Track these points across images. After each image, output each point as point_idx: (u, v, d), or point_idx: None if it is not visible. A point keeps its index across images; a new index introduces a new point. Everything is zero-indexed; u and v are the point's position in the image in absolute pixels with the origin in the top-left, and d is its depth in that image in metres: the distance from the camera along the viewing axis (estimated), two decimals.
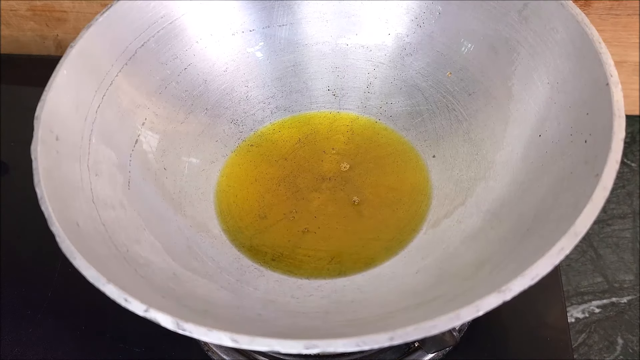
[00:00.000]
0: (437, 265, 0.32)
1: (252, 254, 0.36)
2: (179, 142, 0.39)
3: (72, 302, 0.41)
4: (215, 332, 0.22)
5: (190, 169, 0.39)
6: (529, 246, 0.26)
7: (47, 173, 0.28)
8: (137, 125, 0.36)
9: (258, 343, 0.22)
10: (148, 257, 0.31)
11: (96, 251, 0.28)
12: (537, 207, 0.28)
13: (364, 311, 0.29)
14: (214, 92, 0.40)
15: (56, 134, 0.30)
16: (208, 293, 0.31)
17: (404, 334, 0.21)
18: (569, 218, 0.24)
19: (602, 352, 0.46)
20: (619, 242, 0.51)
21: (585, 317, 0.47)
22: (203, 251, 0.35)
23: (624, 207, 0.53)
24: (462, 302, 0.23)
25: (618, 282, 0.49)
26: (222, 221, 0.38)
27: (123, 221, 0.32)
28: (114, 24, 0.34)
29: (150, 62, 0.37)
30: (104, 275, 0.25)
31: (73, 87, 0.32)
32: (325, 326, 0.29)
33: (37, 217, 0.27)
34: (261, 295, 0.33)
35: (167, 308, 0.24)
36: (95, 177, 0.32)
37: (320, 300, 0.32)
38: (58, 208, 0.27)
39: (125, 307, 0.24)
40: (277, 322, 0.30)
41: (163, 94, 0.38)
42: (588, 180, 0.25)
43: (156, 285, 0.28)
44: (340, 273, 0.35)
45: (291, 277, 0.35)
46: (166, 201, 0.36)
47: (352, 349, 0.22)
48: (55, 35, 0.58)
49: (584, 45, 0.29)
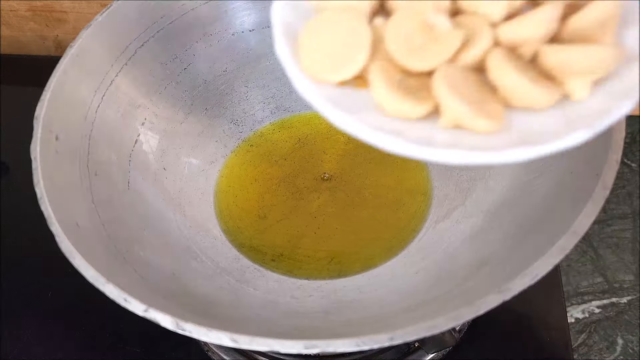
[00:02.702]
0: (437, 266, 0.32)
1: (252, 254, 0.36)
2: (178, 142, 0.39)
3: (72, 302, 0.41)
4: (215, 332, 0.23)
5: (190, 169, 0.39)
6: (528, 246, 0.26)
7: (47, 173, 0.28)
8: (136, 125, 0.36)
9: (258, 343, 0.22)
10: (148, 257, 0.31)
11: (96, 251, 0.28)
12: (537, 207, 0.28)
13: (363, 311, 0.29)
14: (213, 92, 0.40)
15: (56, 134, 0.30)
16: (208, 293, 0.31)
17: (404, 334, 0.21)
18: (569, 217, 0.24)
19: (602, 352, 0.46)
20: (619, 243, 0.51)
21: (585, 317, 0.47)
22: (203, 251, 0.35)
23: (624, 208, 0.53)
24: (462, 302, 0.23)
25: (618, 282, 0.49)
26: (222, 221, 0.38)
27: (123, 221, 0.32)
28: (114, 24, 0.34)
29: (150, 62, 0.37)
30: (103, 275, 0.25)
31: (73, 87, 0.32)
32: (325, 326, 0.29)
33: (37, 217, 0.27)
34: (261, 296, 0.33)
35: (167, 308, 0.24)
36: (95, 177, 0.32)
37: (320, 301, 0.32)
38: (58, 208, 0.27)
39: (125, 307, 0.24)
40: (277, 322, 0.30)
41: (163, 94, 0.38)
42: (588, 179, 0.25)
43: (156, 286, 0.28)
44: (340, 273, 0.35)
45: (291, 277, 0.35)
46: (166, 201, 0.36)
47: (351, 349, 0.22)
48: (55, 36, 0.58)
49: None
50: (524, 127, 0.19)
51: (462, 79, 0.19)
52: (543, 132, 0.18)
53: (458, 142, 0.18)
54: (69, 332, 0.40)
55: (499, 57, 0.19)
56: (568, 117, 0.18)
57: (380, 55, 0.20)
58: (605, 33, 0.19)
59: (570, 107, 0.19)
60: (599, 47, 0.18)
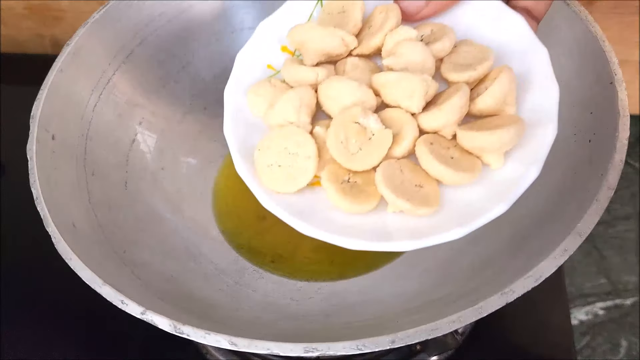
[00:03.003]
0: (439, 267, 0.31)
1: (251, 256, 0.36)
2: (176, 142, 0.38)
3: (71, 302, 0.41)
4: (214, 335, 0.22)
5: (188, 169, 0.39)
6: (532, 247, 0.26)
7: (43, 173, 0.28)
8: (134, 124, 0.36)
9: (257, 346, 0.22)
10: (145, 259, 0.31)
11: (93, 252, 0.28)
12: (541, 208, 0.28)
13: (364, 313, 0.29)
14: (212, 91, 0.40)
15: (52, 134, 0.30)
16: (206, 295, 0.31)
17: (405, 336, 0.21)
18: (573, 218, 0.24)
19: (605, 354, 0.45)
20: (623, 244, 0.51)
21: (589, 319, 0.47)
22: (201, 253, 0.35)
23: (627, 208, 0.52)
24: (464, 304, 0.22)
25: (622, 283, 0.49)
26: (221, 222, 0.38)
27: (120, 222, 0.32)
28: (111, 22, 0.34)
29: (147, 61, 0.36)
30: (100, 277, 0.24)
31: (69, 86, 0.32)
32: (325, 329, 0.29)
33: (35, 217, 0.26)
34: (260, 298, 0.33)
35: (165, 310, 0.24)
36: (92, 177, 0.32)
37: (320, 303, 0.32)
38: (54, 208, 0.27)
39: (122, 309, 0.24)
40: (276, 324, 0.30)
41: (161, 93, 0.38)
42: (592, 180, 0.25)
43: (153, 287, 0.28)
44: (341, 275, 0.34)
45: (291, 279, 0.35)
46: (164, 202, 0.36)
47: (352, 352, 0.21)
48: (52, 34, 0.58)
49: (588, 43, 0.29)
50: (456, 205, 0.23)
51: (399, 172, 0.23)
52: (472, 209, 0.22)
53: (404, 228, 0.23)
54: (68, 332, 0.40)
55: (424, 150, 0.23)
56: (489, 190, 0.23)
57: (327, 156, 0.24)
58: (507, 104, 0.23)
59: (490, 176, 0.23)
60: (502, 131, 0.22)
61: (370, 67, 0.26)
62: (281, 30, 0.27)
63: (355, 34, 0.26)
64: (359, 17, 0.26)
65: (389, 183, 0.22)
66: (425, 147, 0.22)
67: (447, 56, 0.25)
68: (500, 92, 0.23)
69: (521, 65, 0.24)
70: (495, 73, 0.23)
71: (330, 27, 0.25)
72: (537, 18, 0.26)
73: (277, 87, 0.25)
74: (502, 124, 0.22)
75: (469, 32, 0.26)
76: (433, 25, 0.25)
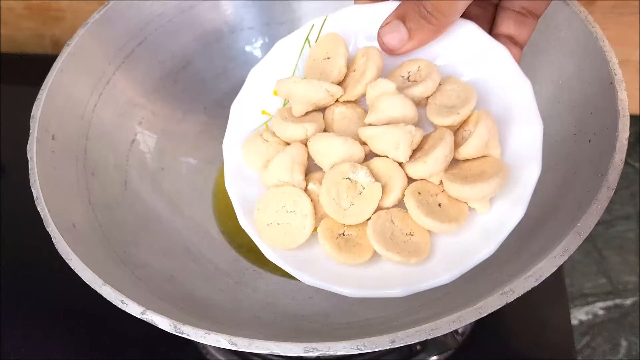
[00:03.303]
0: None
1: (251, 256, 0.36)
2: (176, 142, 0.38)
3: (71, 302, 0.41)
4: (214, 335, 0.22)
5: (188, 169, 0.39)
6: (532, 247, 0.26)
7: (43, 173, 0.28)
8: (134, 124, 0.36)
9: (257, 346, 0.22)
10: (145, 259, 0.31)
11: (93, 252, 0.28)
12: (541, 208, 0.28)
13: (365, 313, 0.29)
14: (212, 91, 0.40)
15: (52, 134, 0.30)
16: (206, 295, 0.31)
17: (406, 336, 0.21)
18: (573, 218, 0.24)
19: (605, 354, 0.45)
20: (623, 244, 0.51)
21: (589, 319, 0.47)
22: (201, 253, 0.35)
23: (627, 208, 0.52)
24: (464, 303, 0.22)
25: (622, 283, 0.49)
26: (221, 222, 0.38)
27: (120, 222, 0.32)
28: (111, 22, 0.34)
29: (147, 61, 0.36)
30: (100, 277, 0.24)
31: (69, 86, 0.32)
32: (325, 329, 0.29)
33: (35, 217, 0.26)
34: (260, 298, 0.33)
35: (165, 310, 0.24)
36: (92, 177, 0.32)
37: (321, 303, 0.32)
38: (54, 208, 0.27)
39: (122, 309, 0.24)
40: (277, 324, 0.30)
41: (161, 93, 0.38)
42: (592, 180, 0.25)
43: (154, 287, 0.28)
44: None
45: (291, 279, 0.35)
46: (164, 202, 0.36)
47: (352, 352, 0.21)
48: (52, 34, 0.58)
49: (588, 43, 0.29)
50: (445, 250, 0.24)
51: (389, 223, 0.24)
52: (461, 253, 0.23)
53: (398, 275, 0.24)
54: (68, 332, 0.40)
55: (412, 204, 0.23)
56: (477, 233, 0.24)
57: (322, 210, 0.25)
58: (490, 148, 0.24)
59: (477, 220, 0.24)
60: (484, 184, 0.23)
61: (358, 114, 0.26)
62: (272, 75, 0.28)
63: (341, 80, 0.27)
64: (343, 63, 0.26)
65: (379, 237, 0.23)
66: (412, 200, 0.23)
67: (432, 96, 0.25)
68: (480, 141, 0.23)
69: (504, 99, 0.25)
70: (477, 114, 0.24)
71: (314, 81, 0.25)
72: (521, 44, 0.26)
73: (270, 142, 0.26)
74: (486, 171, 0.23)
75: (453, 66, 0.26)
76: (420, 62, 0.26)
